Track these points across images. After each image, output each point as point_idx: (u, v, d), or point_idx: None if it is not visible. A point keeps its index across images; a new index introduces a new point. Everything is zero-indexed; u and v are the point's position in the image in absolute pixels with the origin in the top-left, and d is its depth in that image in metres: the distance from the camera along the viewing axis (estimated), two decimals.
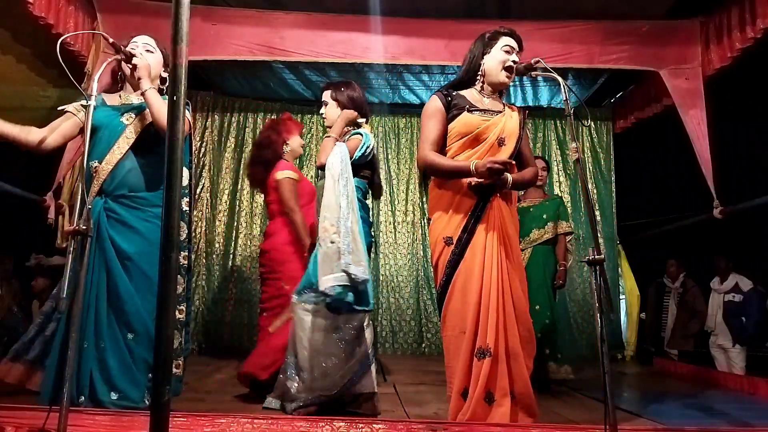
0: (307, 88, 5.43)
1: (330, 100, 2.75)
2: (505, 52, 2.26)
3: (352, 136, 2.67)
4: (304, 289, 2.52)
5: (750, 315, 4.82)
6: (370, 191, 2.78)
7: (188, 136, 2.45)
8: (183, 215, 2.41)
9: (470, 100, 2.28)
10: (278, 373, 2.57)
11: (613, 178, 5.58)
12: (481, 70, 2.30)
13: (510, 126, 2.25)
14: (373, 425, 1.85)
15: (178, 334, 2.32)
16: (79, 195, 1.86)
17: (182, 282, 2.35)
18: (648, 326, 5.71)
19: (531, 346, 2.13)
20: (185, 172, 2.43)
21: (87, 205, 2.11)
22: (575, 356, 4.86)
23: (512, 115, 2.30)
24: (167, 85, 2.34)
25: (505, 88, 2.36)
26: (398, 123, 5.79)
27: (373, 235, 2.83)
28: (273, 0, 3.92)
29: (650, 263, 5.68)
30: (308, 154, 5.49)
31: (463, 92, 2.31)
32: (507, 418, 1.98)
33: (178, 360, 2.31)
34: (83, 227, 1.69)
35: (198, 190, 5.34)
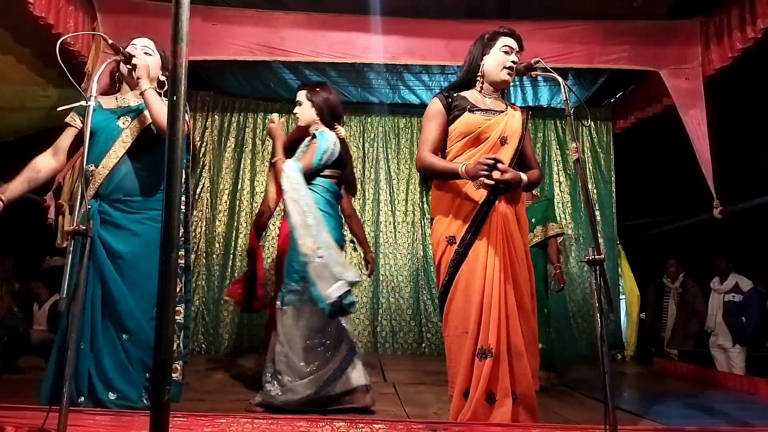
0: None
1: (304, 100, 2.77)
2: (504, 52, 2.26)
3: (311, 142, 2.69)
4: (285, 293, 2.54)
5: (750, 315, 4.82)
6: (341, 189, 2.81)
7: (187, 136, 2.44)
8: (179, 215, 2.39)
9: (471, 100, 2.29)
10: None
11: (613, 178, 5.58)
12: (481, 71, 2.31)
13: (512, 125, 2.25)
14: (373, 425, 1.85)
15: (176, 336, 2.31)
16: (79, 195, 1.85)
17: (180, 282, 2.34)
18: (648, 326, 5.72)
19: (534, 346, 2.13)
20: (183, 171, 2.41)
21: (87, 205, 2.13)
22: (574, 357, 4.87)
23: (515, 114, 2.29)
24: (165, 88, 2.33)
25: (506, 87, 2.36)
26: (398, 123, 5.79)
27: (345, 232, 2.88)
28: (273, 0, 3.92)
29: (650, 263, 5.69)
30: None
31: (464, 93, 2.31)
32: (508, 418, 1.97)
33: (175, 364, 2.28)
34: (83, 227, 1.69)
35: (198, 190, 5.34)
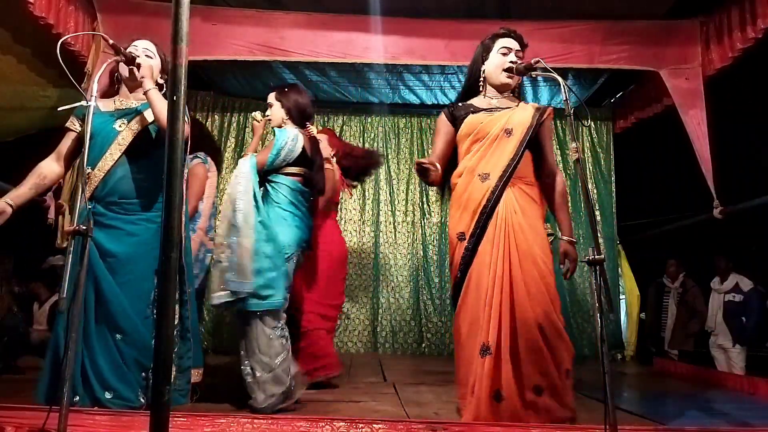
0: (307, 88, 5.34)
1: (274, 101, 2.81)
2: (502, 54, 2.27)
3: (270, 141, 2.71)
4: (252, 297, 2.49)
5: (750, 315, 4.82)
6: (309, 188, 2.77)
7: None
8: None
9: (476, 104, 2.32)
10: None
11: (613, 178, 5.58)
12: (483, 76, 2.32)
13: (519, 117, 2.23)
14: (373, 425, 1.85)
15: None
16: (79, 196, 1.86)
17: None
18: (648, 326, 5.71)
19: (559, 340, 2.06)
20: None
21: (87, 205, 2.13)
22: (574, 357, 4.87)
23: (526, 108, 2.27)
24: (164, 91, 2.32)
25: (511, 88, 2.32)
26: (398, 123, 5.79)
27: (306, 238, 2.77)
28: (273, 0, 3.92)
29: (650, 263, 5.68)
30: None
31: (471, 101, 2.35)
32: (518, 417, 1.96)
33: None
34: (83, 227, 1.69)
35: None
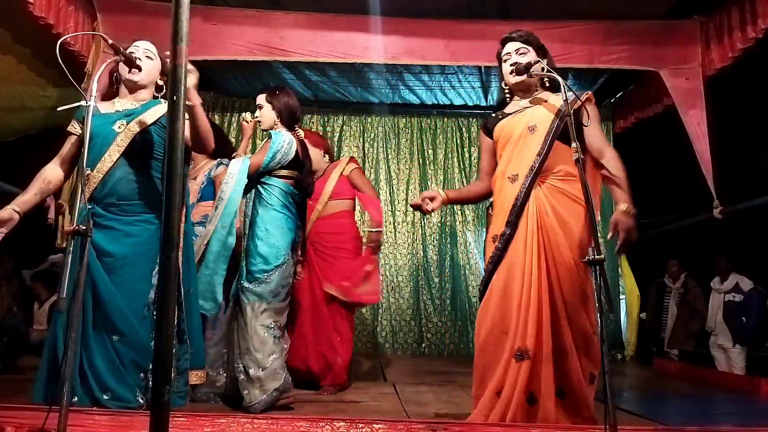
0: (307, 88, 5.42)
1: (265, 103, 2.82)
2: (505, 60, 2.28)
3: (265, 141, 2.73)
4: (247, 287, 2.56)
5: (750, 315, 4.82)
6: (299, 191, 2.81)
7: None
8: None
9: (507, 110, 2.33)
10: None
11: None
12: (505, 84, 2.35)
13: (541, 112, 2.20)
14: (374, 425, 1.85)
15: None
16: (78, 196, 1.85)
17: None
18: (648, 326, 5.71)
19: (587, 345, 2.03)
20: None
21: (87, 205, 2.13)
22: None
23: (554, 100, 2.21)
24: (163, 92, 2.35)
25: (530, 86, 2.29)
26: (398, 123, 5.79)
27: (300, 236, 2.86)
28: (273, 0, 3.92)
29: (650, 263, 5.68)
30: None
31: (505, 109, 2.37)
32: (550, 419, 1.94)
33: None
34: (83, 227, 1.69)
35: None
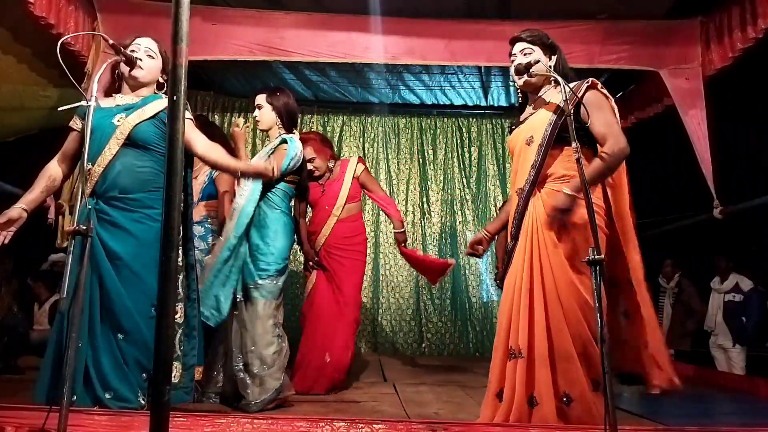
0: (307, 88, 5.42)
1: (264, 104, 2.84)
2: (512, 61, 2.28)
3: (279, 146, 2.75)
4: (252, 286, 2.60)
5: (750, 315, 4.83)
6: (298, 194, 2.97)
7: (192, 122, 2.45)
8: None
9: (521, 117, 2.32)
10: None
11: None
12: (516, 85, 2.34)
13: (537, 121, 2.19)
14: (373, 425, 1.85)
15: (180, 338, 2.30)
16: (79, 195, 1.86)
17: (176, 281, 2.33)
18: None
19: (586, 351, 2.00)
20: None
21: (88, 205, 2.13)
22: None
23: (557, 98, 2.15)
24: (165, 90, 2.36)
25: (535, 87, 2.27)
26: (398, 123, 5.79)
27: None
28: (273, 0, 3.92)
29: (650, 263, 5.67)
30: None
31: (521, 115, 2.36)
32: (550, 420, 1.93)
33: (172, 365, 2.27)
34: (83, 227, 1.69)
35: None
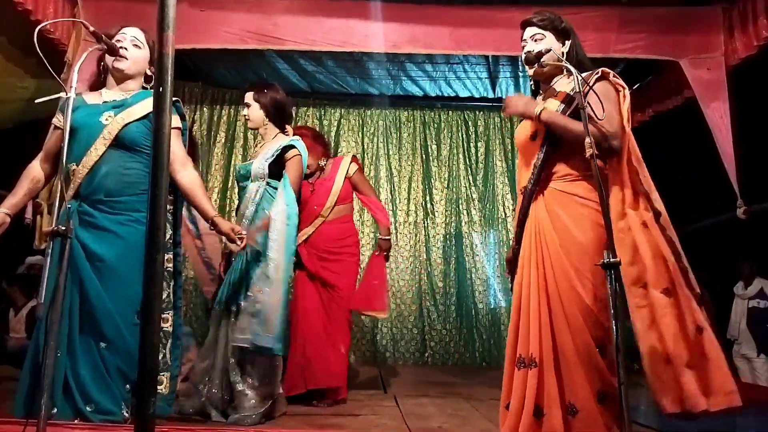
0: (302, 78, 5.42)
1: (252, 102, 2.92)
2: (522, 47, 2.26)
3: (290, 152, 2.84)
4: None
5: None
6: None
7: (182, 132, 2.46)
8: (167, 216, 2.39)
9: None
10: None
11: None
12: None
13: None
14: None
15: (162, 346, 2.31)
16: (58, 195, 1.86)
17: (166, 287, 2.34)
18: None
19: (590, 360, 1.98)
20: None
21: (66, 205, 2.13)
22: None
23: (567, 88, 2.15)
24: (152, 83, 2.36)
25: (546, 76, 2.26)
26: (399, 116, 5.79)
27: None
28: None
29: None
30: None
31: None
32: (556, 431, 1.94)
33: (161, 375, 2.28)
34: (62, 228, 1.69)
35: None
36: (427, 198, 5.67)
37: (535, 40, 2.22)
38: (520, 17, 2.34)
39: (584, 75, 2.09)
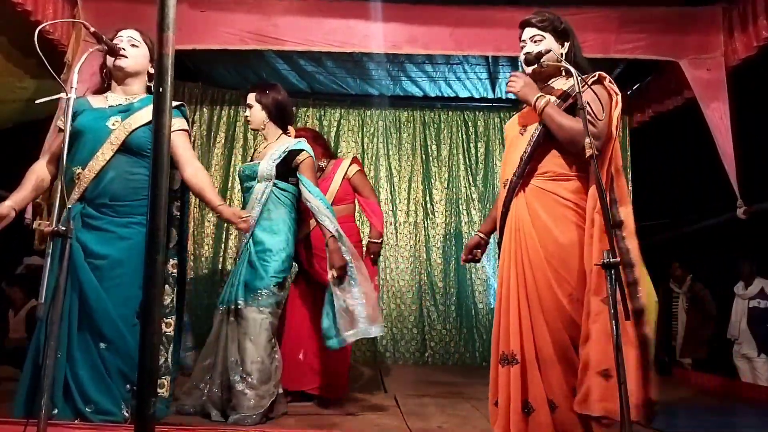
0: (302, 79, 5.42)
1: (254, 103, 2.92)
2: (521, 48, 2.26)
3: (301, 155, 2.86)
4: (258, 291, 2.66)
5: None
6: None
7: (186, 133, 2.47)
8: (174, 220, 2.40)
9: (523, 105, 2.31)
10: None
11: (629, 176, 5.55)
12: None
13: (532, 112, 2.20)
14: None
15: (164, 350, 2.32)
16: (58, 195, 1.86)
17: (170, 293, 2.35)
18: (657, 334, 5.69)
19: (567, 357, 2.01)
20: (177, 173, 2.42)
21: (67, 205, 2.13)
22: None
23: (552, 92, 2.18)
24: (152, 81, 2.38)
25: (544, 77, 2.24)
26: (399, 116, 5.78)
27: None
28: None
29: (669, 266, 5.68)
30: None
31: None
32: (546, 427, 1.96)
33: (163, 379, 2.30)
34: (63, 228, 1.69)
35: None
36: (427, 198, 5.66)
37: (535, 41, 2.22)
38: (520, 17, 2.33)
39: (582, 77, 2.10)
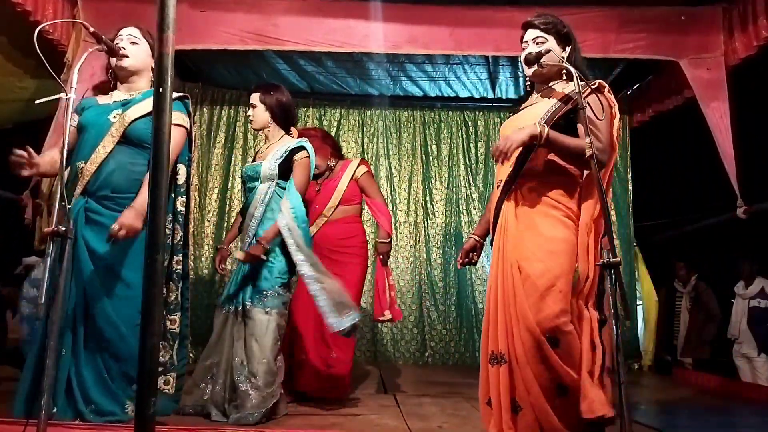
0: (302, 79, 5.42)
1: (258, 103, 2.92)
2: (523, 49, 2.26)
3: (299, 154, 2.86)
4: (264, 292, 2.68)
5: None
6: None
7: (189, 132, 2.46)
8: (178, 216, 2.40)
9: (522, 106, 2.32)
10: None
11: (629, 175, 5.56)
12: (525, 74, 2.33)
13: (535, 111, 2.19)
14: None
15: (168, 347, 2.32)
16: (58, 194, 1.86)
17: (174, 289, 2.35)
18: (659, 334, 5.69)
19: (540, 352, 2.01)
20: (182, 169, 2.42)
21: (67, 205, 2.13)
22: None
23: (555, 95, 2.18)
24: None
25: (545, 78, 2.26)
26: (399, 116, 5.78)
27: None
28: None
29: (670, 266, 5.68)
30: None
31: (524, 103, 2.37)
32: (534, 426, 1.97)
33: (167, 376, 2.30)
34: (62, 228, 1.69)
35: None
36: (427, 198, 5.67)
37: (537, 43, 2.22)
38: (520, 17, 2.34)
39: (582, 83, 2.10)
